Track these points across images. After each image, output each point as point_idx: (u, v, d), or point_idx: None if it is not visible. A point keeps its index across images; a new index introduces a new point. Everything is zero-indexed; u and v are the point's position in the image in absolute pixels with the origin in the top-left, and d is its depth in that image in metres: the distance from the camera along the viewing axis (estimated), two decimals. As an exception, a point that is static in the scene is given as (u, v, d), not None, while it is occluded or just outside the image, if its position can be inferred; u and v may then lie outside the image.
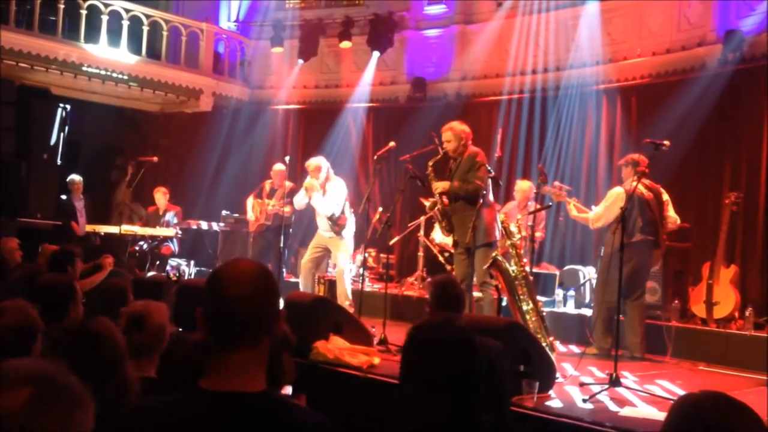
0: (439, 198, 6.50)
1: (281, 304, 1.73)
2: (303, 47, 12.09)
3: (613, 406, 4.42)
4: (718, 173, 8.31)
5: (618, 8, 9.67)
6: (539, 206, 7.06)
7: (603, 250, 6.73)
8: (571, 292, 7.92)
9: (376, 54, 11.52)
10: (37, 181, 10.35)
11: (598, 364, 5.83)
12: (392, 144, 7.17)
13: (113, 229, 9.85)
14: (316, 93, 12.58)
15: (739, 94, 8.12)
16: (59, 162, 10.55)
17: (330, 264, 9.96)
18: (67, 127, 10.57)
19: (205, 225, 10.95)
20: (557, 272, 8.53)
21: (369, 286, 9.07)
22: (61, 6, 10.51)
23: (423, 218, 9.20)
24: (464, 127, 6.53)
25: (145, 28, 11.47)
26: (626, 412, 4.24)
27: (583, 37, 9.75)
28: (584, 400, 4.47)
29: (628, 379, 5.20)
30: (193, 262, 10.39)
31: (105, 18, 10.95)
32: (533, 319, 5.77)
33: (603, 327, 6.38)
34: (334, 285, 8.33)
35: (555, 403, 4.39)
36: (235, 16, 13.43)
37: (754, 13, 8.15)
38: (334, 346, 5.11)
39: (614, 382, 4.73)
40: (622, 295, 5.74)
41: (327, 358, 4.95)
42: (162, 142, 12.85)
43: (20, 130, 10.28)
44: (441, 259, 8.85)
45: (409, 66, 11.73)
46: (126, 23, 11.19)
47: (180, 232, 10.33)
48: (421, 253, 9.57)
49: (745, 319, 6.63)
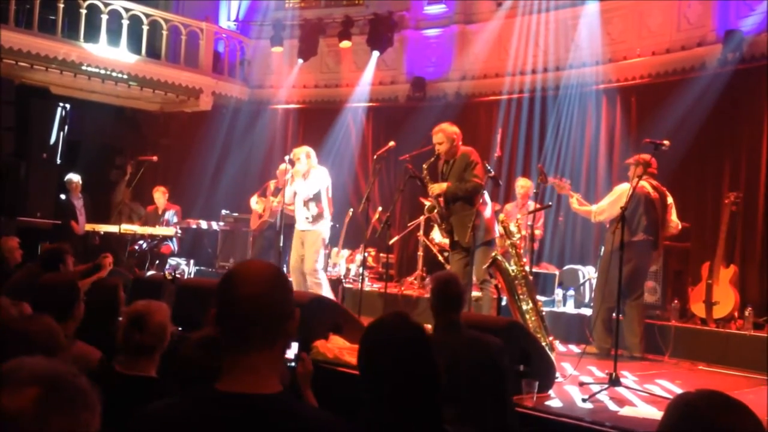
0: (436, 201, 6.50)
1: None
2: (303, 47, 12.09)
3: (612, 406, 4.42)
4: (717, 173, 8.31)
5: (618, 8, 9.67)
6: (539, 206, 7.07)
7: (603, 249, 6.74)
8: (571, 292, 7.92)
9: (376, 54, 11.53)
10: (37, 180, 10.35)
11: (598, 364, 5.83)
12: (392, 144, 7.17)
13: (113, 229, 9.84)
14: (316, 92, 12.58)
15: (739, 94, 8.12)
16: (59, 161, 10.55)
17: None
18: (67, 127, 10.57)
19: (204, 224, 10.96)
20: (557, 272, 8.54)
21: (369, 286, 9.07)
22: (61, 5, 10.50)
23: (422, 218, 9.20)
24: (455, 129, 6.51)
25: (145, 28, 11.47)
26: (626, 411, 4.25)
27: (583, 37, 9.75)
28: (584, 400, 4.47)
29: (628, 378, 5.20)
30: (192, 262, 10.39)
31: (105, 17, 10.95)
32: (533, 319, 5.77)
33: (603, 327, 6.39)
34: (334, 284, 8.32)
35: (555, 403, 4.39)
36: (234, 15, 13.43)
37: (754, 13, 8.16)
38: (334, 346, 5.11)
39: (614, 381, 4.73)
40: (622, 295, 5.74)
41: (327, 358, 4.95)
42: (162, 141, 12.85)
43: (20, 129, 10.29)
44: (440, 258, 8.86)
45: (409, 66, 11.73)
46: (126, 22, 11.19)
47: (180, 232, 10.33)
48: (420, 253, 9.58)
49: (744, 318, 6.63)
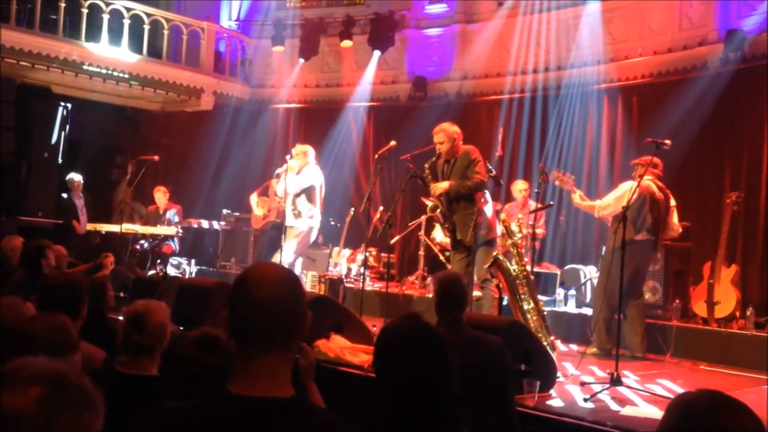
0: (438, 200, 6.49)
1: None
2: (304, 46, 12.09)
3: (614, 406, 4.42)
4: (719, 173, 8.30)
5: (619, 8, 9.66)
6: (540, 205, 7.06)
7: (604, 248, 6.73)
8: (572, 292, 7.92)
9: (377, 53, 11.52)
10: (38, 180, 10.35)
11: (599, 364, 5.83)
12: (393, 143, 7.16)
13: (114, 228, 9.85)
14: (317, 92, 12.58)
15: (741, 94, 8.11)
16: (60, 161, 10.55)
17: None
18: (68, 126, 10.57)
19: (206, 224, 10.96)
20: (558, 271, 8.54)
21: (370, 286, 9.07)
22: (62, 5, 10.50)
23: (424, 217, 9.20)
24: (455, 128, 6.51)
25: (146, 27, 11.47)
26: (627, 411, 4.24)
27: (584, 37, 9.74)
28: (585, 400, 4.47)
29: (629, 378, 5.20)
30: (194, 261, 10.39)
31: (106, 17, 10.95)
32: (534, 319, 5.77)
33: (605, 327, 6.37)
34: (335, 284, 8.33)
35: (556, 403, 4.39)
36: (236, 14, 13.43)
37: (756, 13, 8.15)
38: (335, 345, 5.11)
39: (615, 381, 4.73)
40: (624, 295, 5.74)
41: (328, 357, 4.95)
42: (163, 141, 12.86)
43: (21, 128, 10.29)
44: (442, 258, 8.85)
45: (410, 65, 11.73)
46: (127, 22, 11.19)
47: (181, 231, 10.33)
48: (421, 253, 9.57)
49: (746, 318, 6.63)
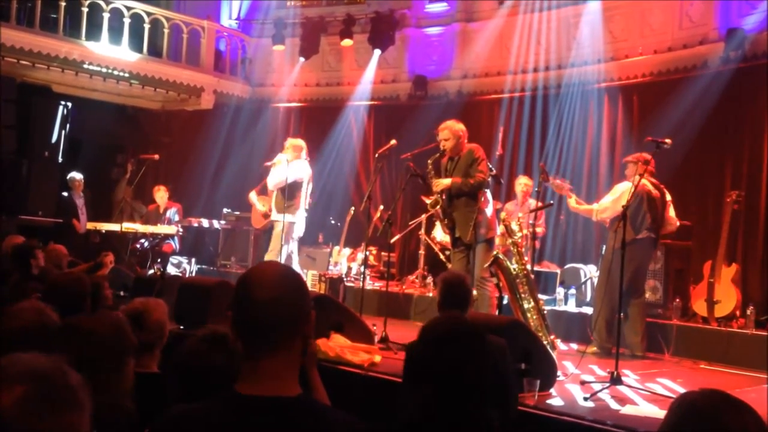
0: (439, 196, 6.50)
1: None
2: (304, 45, 12.09)
3: (614, 405, 4.41)
4: (719, 171, 8.30)
5: (619, 6, 9.65)
6: (540, 204, 7.06)
7: (604, 248, 6.73)
8: (572, 291, 7.92)
9: (378, 52, 11.52)
10: (38, 178, 10.35)
11: (599, 363, 5.83)
12: (393, 142, 7.17)
13: (114, 227, 9.85)
14: (318, 91, 12.58)
15: (741, 93, 8.11)
16: (60, 160, 10.56)
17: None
18: (69, 125, 10.58)
19: (206, 223, 10.96)
20: (558, 270, 8.54)
21: (370, 285, 9.07)
22: (63, 3, 10.51)
23: (424, 216, 9.20)
24: (461, 126, 6.54)
25: (147, 26, 11.47)
26: (627, 410, 4.24)
27: (585, 35, 9.74)
28: (585, 399, 4.47)
29: (629, 377, 5.20)
30: (194, 260, 10.40)
31: (106, 16, 10.95)
32: (534, 318, 5.77)
33: (606, 326, 6.37)
34: (335, 283, 8.33)
35: (556, 402, 4.39)
36: (236, 13, 13.43)
37: (756, 12, 8.14)
38: (336, 344, 5.12)
39: (615, 380, 4.73)
40: (625, 295, 5.75)
41: (328, 356, 4.95)
42: (163, 139, 12.86)
43: (21, 127, 10.29)
44: (442, 257, 8.85)
45: (411, 64, 11.73)
46: (127, 21, 11.19)
47: (181, 230, 10.33)
48: (422, 252, 9.57)
49: (746, 317, 6.63)
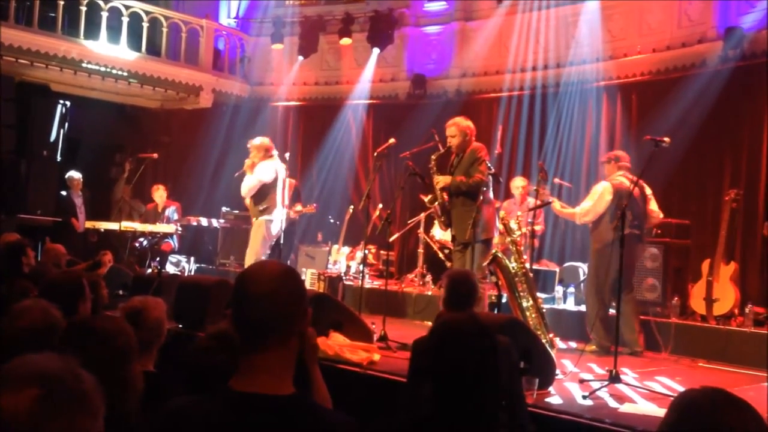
0: (439, 193, 6.50)
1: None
2: (303, 44, 12.09)
3: (612, 403, 4.42)
4: (718, 170, 8.31)
5: (618, 5, 9.66)
6: (539, 203, 7.06)
7: (591, 246, 6.77)
8: (571, 289, 7.93)
9: (376, 51, 11.52)
10: (37, 177, 10.34)
11: (598, 361, 5.84)
12: (392, 141, 7.16)
13: (113, 226, 9.85)
14: (316, 90, 12.57)
15: (740, 91, 8.11)
16: (59, 159, 10.55)
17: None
18: (67, 124, 10.57)
19: (205, 221, 10.96)
20: (557, 269, 8.54)
21: (369, 283, 9.08)
22: (61, 2, 10.50)
23: (423, 215, 9.20)
24: (469, 123, 6.53)
25: (145, 25, 11.46)
26: (626, 408, 4.25)
27: (584, 34, 9.74)
28: (584, 397, 4.47)
29: (628, 375, 5.21)
30: (193, 259, 10.40)
31: (105, 14, 10.94)
32: (533, 316, 5.77)
33: (603, 324, 6.38)
34: (334, 281, 8.33)
35: (555, 400, 4.39)
36: (235, 12, 13.42)
37: (755, 10, 8.15)
38: (335, 343, 5.12)
39: (614, 378, 4.74)
40: (615, 292, 5.75)
41: (327, 355, 4.95)
42: (162, 138, 12.84)
43: (20, 126, 10.29)
44: (441, 255, 8.85)
45: (409, 63, 11.73)
46: (126, 20, 11.18)
47: (180, 229, 10.33)
48: (421, 250, 9.58)
49: (744, 316, 6.63)
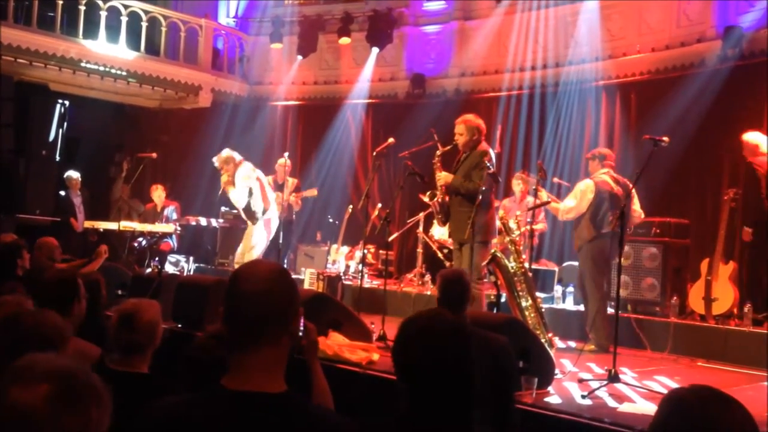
0: (439, 189, 6.48)
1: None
2: (302, 43, 12.08)
3: (611, 402, 4.42)
4: (717, 169, 8.31)
5: (617, 4, 9.66)
6: (538, 202, 7.07)
7: (574, 243, 6.85)
8: (570, 289, 7.91)
9: (375, 50, 11.52)
10: (36, 177, 10.35)
11: (597, 360, 5.84)
12: (391, 140, 7.16)
13: (112, 226, 9.85)
14: (315, 89, 12.57)
15: (739, 91, 8.11)
16: (58, 158, 10.55)
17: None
18: (66, 124, 10.57)
19: (204, 221, 10.96)
20: (556, 268, 8.54)
21: (368, 283, 9.08)
22: (60, 2, 10.49)
23: (422, 215, 9.20)
24: (478, 122, 6.41)
25: (144, 24, 11.46)
26: (625, 408, 4.25)
27: (583, 34, 9.75)
28: (583, 396, 4.47)
29: (627, 375, 5.22)
30: (192, 259, 10.39)
31: (104, 14, 10.94)
32: (532, 316, 5.78)
33: (606, 323, 6.38)
34: (333, 281, 8.34)
35: (554, 399, 4.39)
36: (234, 12, 13.42)
37: (754, 10, 8.15)
38: (334, 343, 5.12)
39: (613, 378, 4.74)
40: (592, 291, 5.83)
41: (326, 355, 4.95)
42: (161, 138, 12.84)
43: (19, 126, 10.29)
44: (440, 255, 8.85)
45: (409, 62, 11.73)
46: (125, 19, 11.18)
47: (179, 229, 10.33)
48: (420, 250, 9.57)
49: (743, 315, 6.64)
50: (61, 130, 10.53)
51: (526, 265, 6.15)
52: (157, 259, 9.79)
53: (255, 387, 1.59)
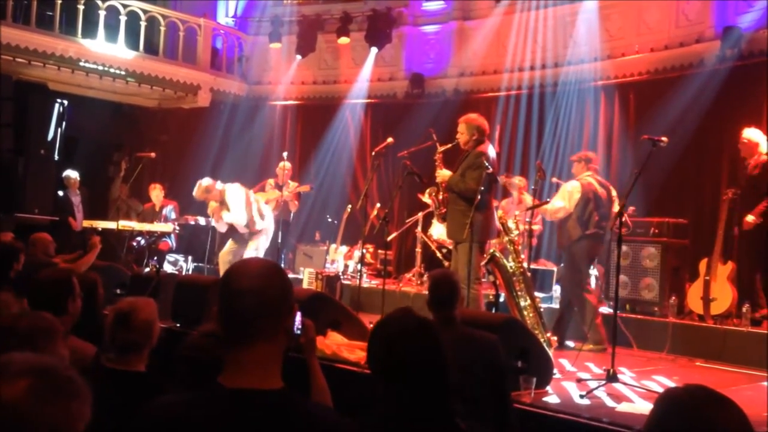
0: (439, 186, 6.47)
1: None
2: (301, 43, 12.08)
3: (610, 402, 4.42)
4: (715, 169, 8.31)
5: (616, 5, 9.67)
6: (537, 202, 7.07)
7: (558, 243, 6.93)
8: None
9: (374, 50, 11.52)
10: (35, 176, 10.34)
11: (596, 360, 5.84)
12: (390, 140, 7.16)
13: (111, 225, 9.84)
14: (314, 89, 12.57)
15: (737, 91, 8.12)
16: (57, 157, 10.55)
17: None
18: (65, 123, 10.57)
19: (202, 221, 10.94)
20: (555, 268, 8.54)
21: (367, 282, 9.07)
22: (59, 1, 10.49)
23: (421, 214, 9.20)
24: (480, 121, 6.36)
25: (143, 24, 11.45)
26: (623, 407, 4.25)
27: (581, 34, 9.76)
28: (581, 396, 4.47)
29: (626, 374, 5.21)
30: (190, 258, 10.39)
31: (102, 13, 10.93)
32: (531, 315, 5.78)
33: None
34: (332, 281, 8.34)
35: (552, 399, 4.39)
36: (233, 11, 13.42)
37: (753, 10, 8.16)
38: (332, 342, 5.12)
39: (611, 378, 4.74)
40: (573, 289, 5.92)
41: (325, 354, 4.95)
42: (160, 137, 12.84)
43: (18, 125, 10.28)
44: (439, 255, 8.85)
45: (408, 62, 11.73)
46: (123, 18, 11.17)
47: (178, 228, 10.32)
48: (418, 249, 9.57)
49: (742, 315, 6.64)
50: (59, 130, 10.52)
51: (525, 265, 6.15)
52: (155, 258, 9.79)
53: (251, 383, 1.59)
